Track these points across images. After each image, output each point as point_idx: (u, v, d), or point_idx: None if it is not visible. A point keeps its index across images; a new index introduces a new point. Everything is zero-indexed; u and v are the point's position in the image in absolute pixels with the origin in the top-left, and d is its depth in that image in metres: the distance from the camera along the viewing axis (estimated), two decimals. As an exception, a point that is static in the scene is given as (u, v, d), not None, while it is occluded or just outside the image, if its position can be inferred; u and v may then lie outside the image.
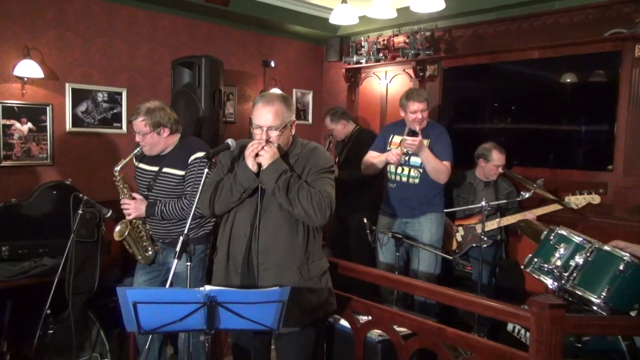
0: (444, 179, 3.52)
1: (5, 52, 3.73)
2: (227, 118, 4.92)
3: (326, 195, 2.17)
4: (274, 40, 5.38)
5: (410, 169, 3.60)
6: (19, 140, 3.84)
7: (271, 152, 2.16)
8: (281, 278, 2.18)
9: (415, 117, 3.51)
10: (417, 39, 4.77)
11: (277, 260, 2.20)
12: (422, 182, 3.57)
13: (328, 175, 2.26)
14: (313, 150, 2.31)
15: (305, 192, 2.14)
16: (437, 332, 2.37)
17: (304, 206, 2.13)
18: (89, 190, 3.95)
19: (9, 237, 3.28)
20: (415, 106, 3.51)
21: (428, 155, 3.46)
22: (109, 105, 4.27)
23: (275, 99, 2.24)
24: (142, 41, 4.43)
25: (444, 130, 3.64)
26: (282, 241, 2.21)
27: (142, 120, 2.74)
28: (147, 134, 2.76)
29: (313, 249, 2.27)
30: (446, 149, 3.53)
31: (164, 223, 2.85)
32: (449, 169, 3.52)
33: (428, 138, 3.55)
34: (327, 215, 2.16)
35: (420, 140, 3.40)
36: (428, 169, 3.49)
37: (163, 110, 2.79)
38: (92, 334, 3.19)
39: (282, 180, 2.12)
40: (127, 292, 1.74)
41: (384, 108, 5.21)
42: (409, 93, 3.60)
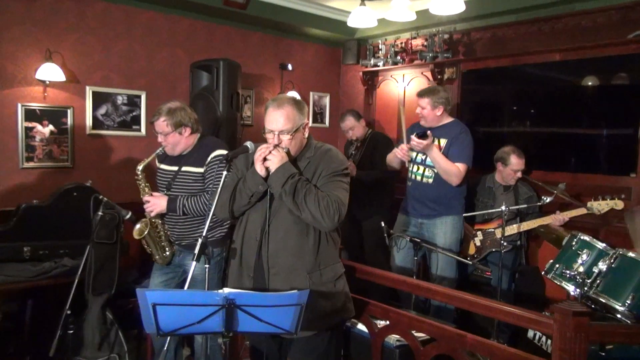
0: (454, 181, 3.48)
1: (27, 55, 3.79)
2: (245, 121, 4.93)
3: (335, 199, 2.12)
4: (291, 43, 5.39)
5: (425, 168, 3.60)
6: (40, 142, 3.90)
7: (279, 156, 2.14)
8: (290, 282, 2.14)
9: (419, 112, 3.61)
10: (435, 42, 4.74)
11: (286, 264, 2.18)
12: (436, 182, 3.56)
13: (340, 179, 2.21)
14: (326, 153, 2.26)
15: (313, 196, 2.10)
16: (457, 338, 2.34)
17: (312, 210, 2.09)
18: (108, 192, 3.99)
19: (30, 238, 3.33)
20: (419, 102, 3.61)
21: (436, 155, 3.45)
22: (128, 108, 4.32)
23: (286, 102, 2.21)
24: (161, 45, 4.47)
25: (465, 130, 3.59)
26: (292, 245, 2.18)
27: (164, 121, 2.78)
28: (169, 134, 2.80)
29: (326, 253, 2.23)
30: (462, 151, 3.50)
31: (182, 223, 2.87)
32: (460, 171, 3.47)
33: (445, 137, 3.53)
34: (335, 220, 2.12)
35: (426, 142, 3.39)
36: (437, 169, 3.50)
37: (184, 110, 2.83)
38: (111, 334, 3.21)
39: (289, 184, 2.10)
40: (146, 293, 1.74)
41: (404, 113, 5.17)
42: (420, 90, 3.73)
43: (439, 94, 3.59)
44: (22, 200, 3.55)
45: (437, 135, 3.55)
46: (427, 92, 3.63)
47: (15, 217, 3.36)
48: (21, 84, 3.79)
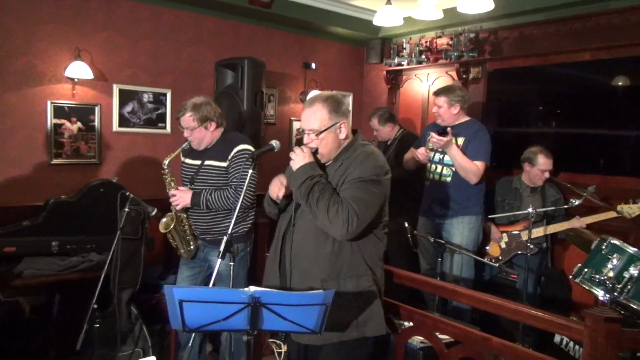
0: (472, 179, 3.45)
1: (57, 53, 3.86)
2: (268, 119, 4.95)
3: (347, 207, 1.97)
4: (315, 42, 5.39)
5: (443, 167, 3.58)
6: (68, 139, 3.97)
7: (301, 156, 2.09)
8: (304, 285, 2.10)
9: (435, 112, 3.60)
10: (461, 41, 4.68)
11: (302, 267, 2.13)
12: (454, 181, 3.52)
13: (364, 185, 2.02)
14: (360, 157, 2.10)
15: (325, 201, 1.99)
16: (482, 342, 2.30)
17: (321, 216, 2.00)
18: (133, 188, 4.04)
19: (58, 233, 3.38)
20: (435, 100, 3.60)
21: (454, 153, 3.43)
22: (154, 105, 4.37)
23: (317, 100, 2.14)
24: (186, 43, 4.51)
25: (482, 129, 3.56)
26: (309, 249, 2.13)
27: (190, 116, 2.82)
28: (195, 129, 2.84)
29: (348, 263, 2.09)
30: (480, 149, 3.46)
31: (206, 217, 2.90)
32: (479, 169, 3.44)
33: (463, 136, 3.50)
34: (345, 229, 1.96)
35: (446, 139, 3.36)
36: (456, 167, 3.48)
37: (209, 105, 2.87)
38: (135, 328, 3.25)
39: (305, 185, 2.03)
40: (173, 290, 1.75)
41: (425, 110, 5.14)
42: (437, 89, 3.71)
43: (455, 92, 3.56)
44: (51, 195, 3.61)
45: (454, 134, 3.51)
46: (443, 90, 3.61)
47: (44, 212, 3.42)
48: (51, 81, 3.86)
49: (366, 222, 2.01)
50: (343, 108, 2.15)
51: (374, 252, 2.17)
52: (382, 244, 2.21)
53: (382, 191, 2.07)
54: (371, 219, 2.04)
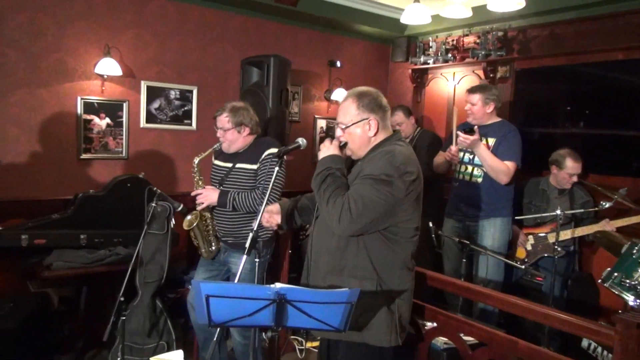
0: (503, 179, 3.39)
1: (87, 51, 3.93)
2: (292, 117, 4.96)
3: (345, 201, 1.92)
4: (340, 40, 5.38)
5: (473, 167, 3.52)
6: (97, 134, 4.04)
7: (326, 147, 2.11)
8: (315, 278, 2.12)
9: (468, 109, 3.54)
10: (488, 39, 4.62)
11: (315, 259, 2.15)
12: (485, 182, 3.47)
13: (371, 183, 1.95)
14: (378, 155, 2.05)
15: (329, 193, 1.97)
16: (508, 344, 2.27)
17: (322, 206, 2.00)
18: (159, 184, 4.10)
19: (87, 226, 3.45)
20: (468, 98, 3.54)
21: (483, 152, 3.37)
22: (180, 102, 4.42)
23: (349, 94, 2.14)
24: (213, 40, 4.55)
25: (514, 130, 3.51)
26: (319, 242, 2.14)
27: (226, 117, 2.87)
28: (229, 130, 2.88)
29: (352, 262, 2.03)
30: (511, 149, 3.41)
31: (230, 219, 2.92)
32: (510, 169, 3.39)
33: (494, 137, 3.45)
34: (337, 221, 1.92)
35: (473, 137, 3.31)
36: (485, 167, 3.42)
37: (247, 111, 2.93)
38: (160, 322, 3.30)
39: (320, 175, 2.03)
40: (201, 285, 1.77)
41: (451, 109, 5.07)
42: (471, 86, 3.67)
43: (490, 90, 3.52)
44: (80, 189, 3.69)
45: (485, 134, 3.47)
46: (478, 88, 3.57)
47: (73, 206, 3.49)
48: (81, 78, 3.93)
49: (363, 220, 1.93)
50: (374, 105, 2.09)
51: (386, 257, 2.03)
52: (399, 249, 2.05)
53: (391, 192, 1.94)
54: (371, 219, 1.95)
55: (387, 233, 2.03)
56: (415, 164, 2.06)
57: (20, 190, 3.74)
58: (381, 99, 2.13)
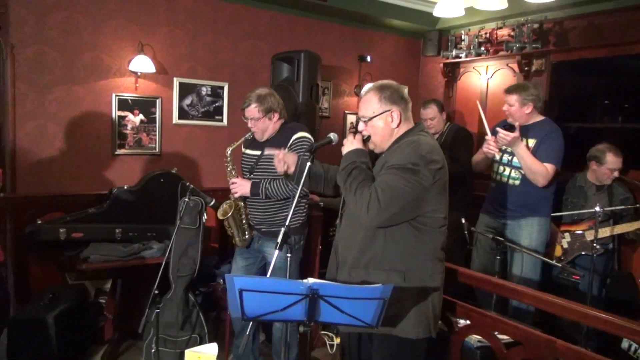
0: (540, 181, 3.25)
1: (122, 48, 4.01)
2: (322, 112, 4.95)
3: (372, 191, 1.91)
4: (370, 34, 5.34)
5: (511, 169, 3.41)
6: (131, 130, 4.12)
7: (349, 142, 2.11)
8: (340, 273, 2.11)
9: (506, 110, 3.41)
10: (523, 32, 4.51)
11: (342, 253, 2.15)
12: (523, 184, 3.35)
13: (398, 172, 1.94)
14: (403, 145, 2.05)
15: (355, 185, 1.96)
16: (545, 344, 2.21)
17: (349, 199, 2.00)
18: (191, 179, 4.16)
19: (121, 220, 3.51)
20: (506, 98, 3.42)
21: (522, 152, 3.24)
22: (211, 98, 4.46)
23: (370, 88, 2.15)
24: (243, 37, 4.57)
25: (556, 130, 3.35)
26: (346, 235, 2.14)
27: (255, 107, 2.87)
28: (260, 120, 2.89)
29: (379, 254, 2.02)
30: (551, 151, 3.27)
31: (262, 208, 2.94)
32: (548, 171, 3.24)
33: (535, 137, 3.33)
34: (366, 212, 1.91)
35: (513, 135, 3.20)
36: (522, 167, 3.29)
37: (272, 96, 2.92)
38: (193, 315, 3.34)
39: (346, 170, 2.03)
40: (234, 279, 1.77)
41: (484, 104, 4.98)
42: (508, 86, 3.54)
43: (528, 90, 3.36)
44: (115, 184, 3.77)
45: (525, 135, 3.34)
46: (515, 88, 3.43)
47: (108, 200, 3.57)
48: (116, 75, 4.01)
49: (391, 210, 1.92)
50: (396, 96, 2.09)
51: (415, 248, 2.02)
52: (428, 239, 2.03)
53: (418, 181, 1.93)
54: (400, 208, 1.93)
55: (416, 223, 2.01)
56: (440, 153, 2.05)
57: (58, 185, 3.85)
58: (402, 91, 2.13)
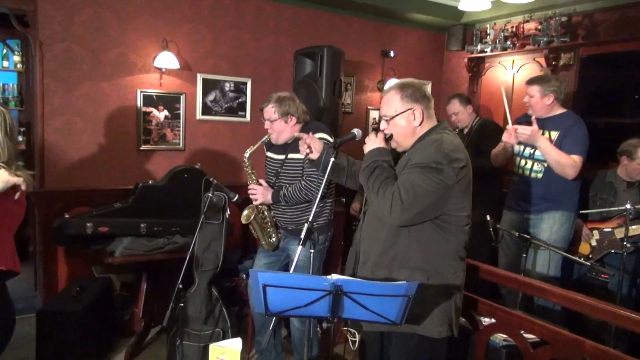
0: (570, 173, 3.18)
1: (147, 45, 4.05)
2: (345, 108, 4.93)
3: (395, 190, 1.91)
4: (394, 29, 5.28)
5: (534, 162, 3.35)
6: (156, 126, 4.16)
7: (371, 140, 2.10)
8: (364, 270, 2.10)
9: (526, 101, 3.36)
10: (551, 25, 4.40)
11: (364, 250, 2.14)
12: (546, 177, 3.30)
13: (420, 171, 1.93)
14: (426, 144, 2.03)
15: (378, 183, 1.96)
16: (573, 344, 2.16)
17: (372, 197, 1.99)
18: (214, 175, 4.16)
19: (146, 215, 3.56)
20: (527, 90, 3.36)
21: (546, 146, 3.17)
22: (234, 94, 4.48)
23: (392, 87, 2.13)
24: (267, 32, 4.57)
25: (579, 121, 3.28)
26: (369, 233, 2.13)
27: (273, 107, 2.87)
28: (275, 121, 2.88)
29: (403, 253, 2.01)
30: (577, 142, 3.20)
31: (287, 209, 2.94)
32: (577, 163, 3.17)
33: (557, 129, 3.26)
34: (389, 211, 1.91)
35: (532, 129, 3.14)
36: (549, 162, 3.21)
37: (292, 100, 2.91)
38: (216, 309, 3.36)
39: (368, 168, 2.02)
40: (258, 274, 1.77)
41: (509, 100, 4.89)
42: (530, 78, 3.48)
43: (550, 82, 3.30)
44: (140, 179, 3.81)
45: (547, 127, 3.28)
46: (537, 79, 3.37)
47: (133, 195, 3.61)
48: (141, 71, 4.06)
49: (415, 209, 1.92)
50: (418, 95, 2.08)
51: (439, 247, 2.01)
52: (452, 238, 2.02)
53: (441, 179, 1.92)
54: (423, 207, 1.93)
55: (440, 222, 2.00)
56: (464, 152, 2.03)
57: (84, 179, 3.92)
58: (424, 89, 2.12)
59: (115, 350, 3.53)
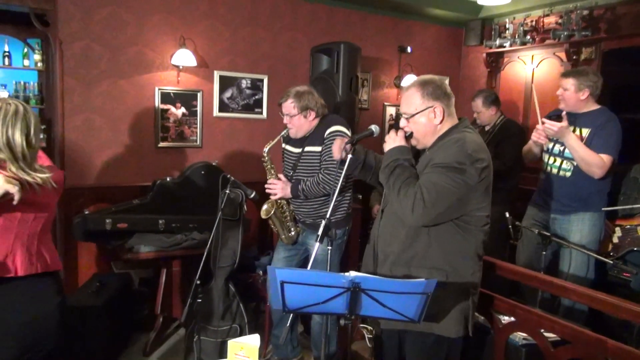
0: (597, 172, 3.08)
1: (164, 42, 4.07)
2: (362, 105, 4.91)
3: (417, 190, 1.89)
4: (410, 24, 5.24)
5: (562, 160, 3.26)
6: (173, 123, 4.19)
7: (391, 139, 2.08)
8: (381, 267, 2.09)
9: (560, 94, 3.24)
10: (572, 19, 4.32)
11: (382, 249, 2.11)
12: (575, 176, 3.20)
13: (442, 172, 1.91)
14: (448, 143, 2.00)
15: (399, 183, 1.94)
16: (595, 344, 2.12)
17: (393, 197, 1.97)
18: (231, 171, 4.17)
19: (164, 212, 3.59)
20: (561, 82, 3.24)
21: (573, 142, 3.07)
22: (251, 91, 4.49)
23: (412, 84, 2.09)
24: (283, 29, 4.57)
25: (613, 119, 3.15)
26: (387, 232, 2.10)
27: (292, 103, 2.86)
28: (295, 116, 2.87)
29: (422, 252, 1.99)
30: (607, 140, 3.08)
31: (306, 203, 2.94)
32: (605, 162, 3.06)
33: (588, 127, 3.17)
34: (410, 212, 1.88)
35: (561, 125, 3.06)
36: (575, 159, 3.12)
37: (311, 95, 2.89)
38: (233, 305, 3.38)
39: (389, 167, 2.00)
40: (276, 271, 1.77)
41: (529, 95, 4.83)
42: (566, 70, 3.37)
43: (587, 76, 3.17)
44: (158, 176, 3.85)
45: (579, 124, 3.18)
46: (573, 72, 3.24)
47: (151, 192, 3.65)
48: (159, 69, 4.08)
49: (436, 209, 1.90)
50: (439, 92, 2.04)
51: (458, 247, 1.99)
52: (471, 238, 2.00)
53: (463, 180, 1.90)
54: (445, 208, 1.91)
55: (460, 222, 1.98)
56: (486, 151, 2.01)
57: (103, 176, 3.96)
58: (445, 86, 2.08)
59: (134, 345, 3.57)
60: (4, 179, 1.86)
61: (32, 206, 1.99)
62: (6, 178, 1.87)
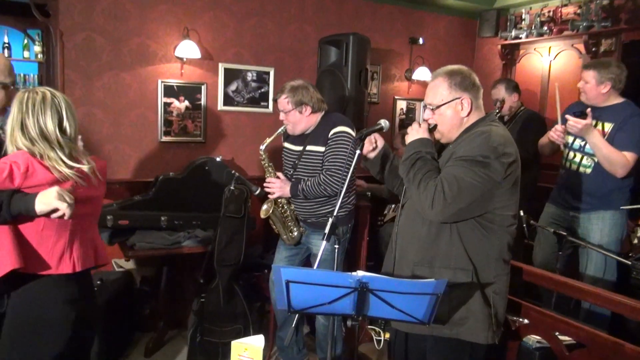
0: (619, 171, 2.94)
1: (167, 34, 3.97)
2: (371, 98, 4.78)
3: (438, 184, 1.79)
4: (422, 15, 5.10)
5: (583, 156, 3.12)
6: (176, 117, 4.09)
7: (414, 130, 1.97)
8: (400, 268, 2.00)
9: (581, 87, 3.12)
10: (591, 9, 4.16)
11: (402, 248, 2.01)
12: (595, 172, 3.06)
13: (466, 165, 1.81)
14: (472, 136, 1.90)
15: (419, 176, 1.84)
16: (612, 347, 2.02)
17: (413, 190, 1.87)
18: (236, 167, 4.10)
19: (167, 208, 3.50)
20: (582, 74, 3.12)
21: (596, 140, 2.93)
22: (257, 84, 4.38)
23: (440, 73, 1.98)
24: (290, 20, 4.45)
25: (637, 113, 2.99)
26: (407, 230, 2.00)
27: (285, 98, 2.79)
28: (290, 112, 2.80)
29: (445, 252, 1.89)
30: (632, 137, 2.93)
31: (307, 202, 2.85)
32: (628, 160, 2.91)
33: (611, 121, 3.01)
34: (430, 206, 1.79)
35: (585, 122, 2.90)
36: (598, 157, 2.98)
37: (306, 89, 2.80)
38: (237, 306, 3.29)
39: (410, 159, 1.90)
40: (281, 270, 1.70)
41: (545, 88, 4.67)
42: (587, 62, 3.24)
43: (609, 68, 3.03)
44: (160, 171, 3.77)
45: (601, 118, 3.03)
46: (594, 64, 3.10)
47: (153, 188, 3.56)
48: (162, 61, 3.99)
49: (458, 204, 1.79)
50: (468, 83, 1.93)
51: (482, 247, 1.88)
52: (495, 239, 1.88)
53: (488, 174, 1.80)
54: (467, 203, 1.80)
55: (483, 220, 1.86)
56: (513, 145, 1.88)
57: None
58: (474, 77, 1.97)
59: (135, 345, 3.49)
60: (57, 194, 1.74)
61: (82, 202, 1.88)
62: (59, 193, 1.74)
